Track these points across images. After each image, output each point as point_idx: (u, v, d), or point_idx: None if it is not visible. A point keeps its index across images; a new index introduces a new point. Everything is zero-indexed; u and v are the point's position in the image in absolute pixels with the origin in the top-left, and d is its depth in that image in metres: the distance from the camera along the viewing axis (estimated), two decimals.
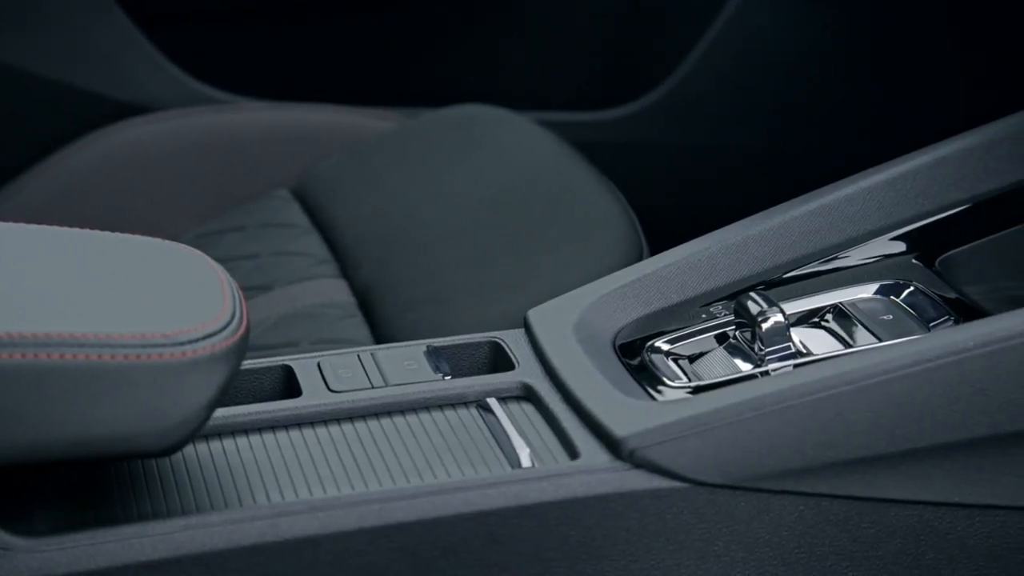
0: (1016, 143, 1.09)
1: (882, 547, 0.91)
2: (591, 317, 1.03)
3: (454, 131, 1.51)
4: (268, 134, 1.60)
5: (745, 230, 1.08)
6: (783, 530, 0.90)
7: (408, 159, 1.50)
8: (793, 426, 0.90)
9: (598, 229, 1.31)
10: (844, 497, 0.90)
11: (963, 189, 1.08)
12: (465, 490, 0.88)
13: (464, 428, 0.96)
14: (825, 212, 1.08)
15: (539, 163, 1.44)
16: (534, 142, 1.47)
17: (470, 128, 1.51)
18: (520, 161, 1.45)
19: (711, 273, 1.07)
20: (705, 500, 0.90)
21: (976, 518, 0.90)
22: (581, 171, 1.40)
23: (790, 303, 1.04)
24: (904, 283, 1.05)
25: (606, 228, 1.31)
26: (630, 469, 0.90)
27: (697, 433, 0.90)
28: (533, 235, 1.33)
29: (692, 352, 1.03)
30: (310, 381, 0.98)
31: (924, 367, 0.89)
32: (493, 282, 1.30)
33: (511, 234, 1.34)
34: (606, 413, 0.93)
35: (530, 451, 0.93)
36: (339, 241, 1.44)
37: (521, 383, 0.99)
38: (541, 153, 1.45)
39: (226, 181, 1.57)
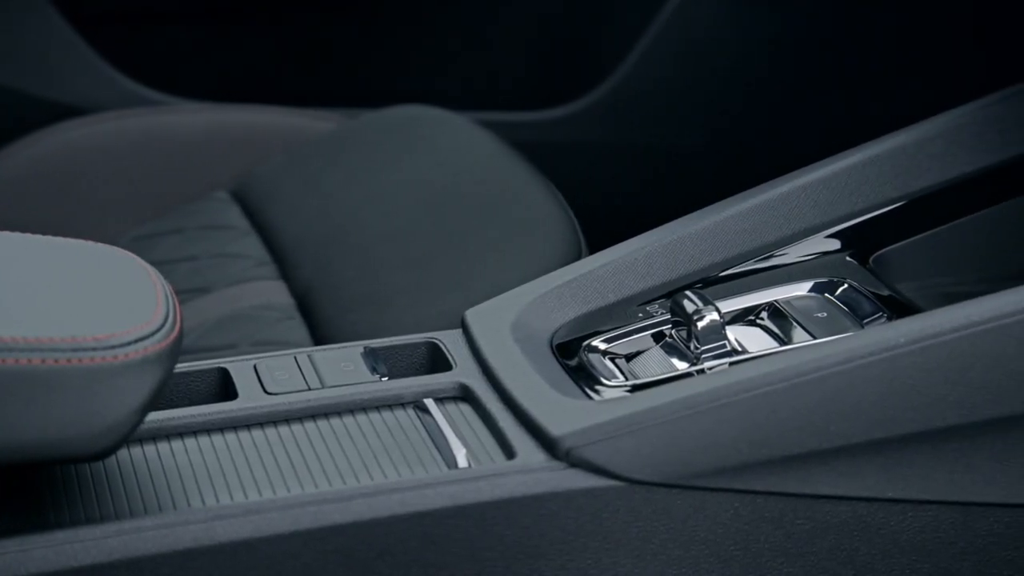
0: (948, 141, 1.10)
1: (817, 543, 0.91)
2: (528, 317, 1.04)
3: (394, 132, 1.51)
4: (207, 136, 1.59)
5: (682, 229, 1.09)
6: (719, 528, 0.91)
7: (348, 160, 1.49)
8: (728, 424, 0.90)
9: (537, 229, 1.31)
10: (779, 494, 0.91)
11: (896, 187, 1.09)
12: (401, 491, 0.88)
13: (401, 429, 0.96)
14: (760, 210, 1.09)
15: (478, 163, 1.44)
16: (473, 142, 1.47)
17: (410, 129, 1.51)
18: (459, 161, 1.45)
19: (648, 272, 1.07)
20: (641, 499, 0.90)
21: (909, 513, 0.91)
22: (520, 171, 1.41)
23: (726, 301, 1.05)
24: (838, 281, 1.06)
25: (545, 228, 1.31)
26: (566, 468, 0.90)
27: (633, 432, 0.90)
28: (472, 235, 1.33)
29: (629, 351, 1.03)
30: (246, 383, 0.98)
31: (856, 364, 0.90)
32: (433, 283, 1.29)
33: (450, 234, 1.34)
34: (542, 413, 0.93)
35: (466, 451, 0.93)
36: (278, 243, 1.44)
37: (458, 383, 0.99)
38: (480, 153, 1.45)
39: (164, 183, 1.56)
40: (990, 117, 1.10)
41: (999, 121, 1.10)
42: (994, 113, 1.10)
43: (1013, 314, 0.89)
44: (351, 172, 1.47)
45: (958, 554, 0.92)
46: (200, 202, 1.52)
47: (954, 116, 1.11)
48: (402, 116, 1.53)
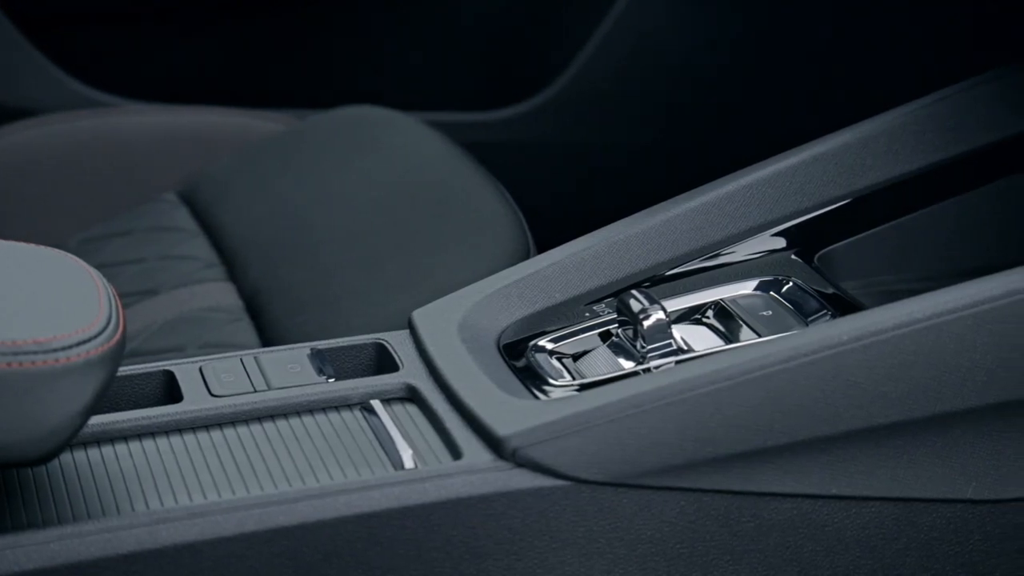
0: (891, 140, 1.11)
1: (762, 540, 0.92)
2: (475, 317, 1.04)
3: (343, 133, 1.50)
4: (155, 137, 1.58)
5: (628, 228, 1.09)
6: (665, 526, 0.91)
7: (297, 161, 1.49)
8: (673, 422, 0.90)
9: (485, 229, 1.31)
10: (724, 492, 0.91)
11: (841, 185, 1.10)
12: (347, 492, 0.88)
13: (347, 430, 0.96)
14: (706, 209, 1.09)
15: (427, 164, 1.44)
16: (422, 143, 1.47)
17: (359, 129, 1.50)
18: (408, 162, 1.44)
19: (595, 272, 1.07)
20: (587, 498, 0.90)
21: (852, 510, 0.92)
22: (469, 171, 1.40)
23: (672, 300, 1.05)
24: (783, 279, 1.07)
25: (493, 228, 1.31)
26: (512, 468, 0.90)
27: (579, 431, 0.90)
28: (421, 236, 1.33)
29: (576, 351, 1.04)
30: (192, 386, 0.98)
31: (800, 362, 0.90)
32: (381, 283, 1.29)
33: (399, 235, 1.34)
34: (489, 413, 0.93)
35: (413, 452, 0.93)
36: (227, 244, 1.43)
37: (405, 384, 0.99)
38: (429, 154, 1.45)
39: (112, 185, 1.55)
40: (931, 116, 1.11)
41: (940, 120, 1.11)
42: (935, 112, 1.11)
43: (953, 311, 0.90)
44: (300, 173, 1.47)
45: (901, 549, 0.92)
46: (149, 204, 1.51)
47: (897, 115, 1.11)
48: (351, 117, 1.53)
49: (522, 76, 1.77)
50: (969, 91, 1.12)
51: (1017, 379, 0.90)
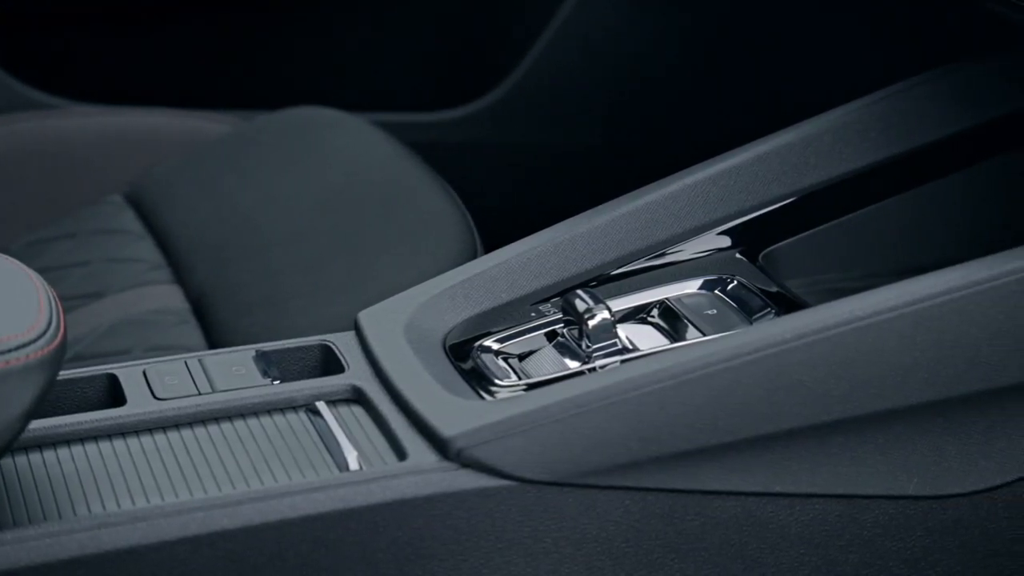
0: (835, 138, 1.11)
1: (706, 538, 0.92)
2: (421, 318, 1.04)
3: (289, 134, 1.50)
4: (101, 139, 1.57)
5: (574, 228, 1.09)
6: (610, 525, 0.91)
7: (243, 162, 1.48)
8: (618, 421, 0.91)
9: (432, 230, 1.31)
10: (669, 491, 0.91)
11: (785, 184, 1.11)
12: (291, 495, 0.88)
13: (292, 432, 0.95)
14: (651, 209, 1.09)
15: (374, 165, 1.43)
16: (369, 144, 1.47)
17: (305, 130, 1.50)
18: (355, 163, 1.44)
19: (540, 272, 1.08)
20: (533, 498, 0.90)
21: (796, 507, 0.92)
22: (416, 172, 1.40)
23: (617, 300, 1.06)
24: (728, 278, 1.07)
25: (440, 229, 1.31)
26: (458, 469, 0.90)
27: (524, 431, 0.90)
28: (368, 237, 1.33)
29: (522, 351, 1.04)
30: (135, 389, 0.97)
31: (743, 360, 0.91)
32: (329, 285, 1.29)
33: (346, 236, 1.34)
34: (434, 414, 0.93)
35: (358, 454, 0.92)
36: (173, 246, 1.42)
37: (351, 386, 0.99)
38: (376, 155, 1.45)
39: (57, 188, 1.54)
40: (875, 114, 1.12)
41: (883, 119, 1.11)
42: (879, 110, 1.12)
43: (894, 309, 0.90)
44: (247, 175, 1.46)
45: (844, 546, 0.93)
46: (94, 206, 1.50)
47: (840, 114, 1.12)
48: (298, 118, 1.52)
49: (470, 77, 1.77)
50: (911, 90, 1.12)
51: (957, 376, 0.91)
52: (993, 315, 0.90)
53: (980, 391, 0.92)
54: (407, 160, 1.43)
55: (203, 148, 1.53)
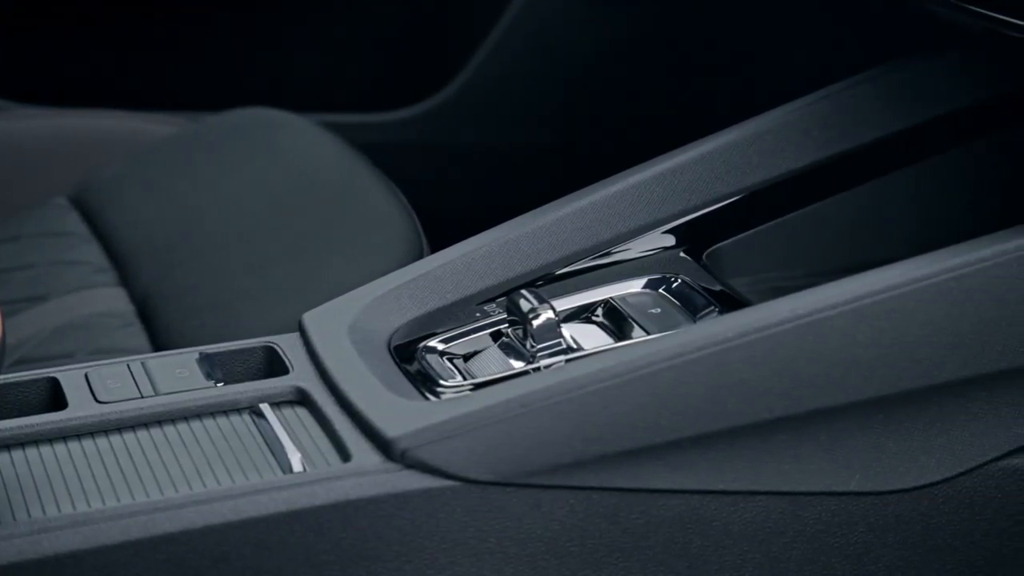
0: (777, 137, 1.12)
1: (651, 537, 0.92)
2: (366, 319, 1.03)
3: (236, 135, 1.49)
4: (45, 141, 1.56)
5: (518, 228, 1.09)
6: (555, 524, 0.91)
7: (189, 164, 1.47)
8: (562, 421, 0.91)
9: (379, 231, 1.31)
10: (613, 489, 0.92)
11: (728, 183, 1.11)
12: (234, 497, 0.88)
13: (236, 435, 0.95)
14: (595, 208, 1.10)
15: (321, 166, 1.43)
16: (316, 145, 1.46)
17: (252, 132, 1.49)
18: (302, 164, 1.44)
19: (485, 272, 1.08)
20: (477, 498, 0.90)
21: (739, 504, 0.93)
22: (363, 173, 1.40)
23: (562, 299, 1.06)
24: (672, 277, 1.07)
25: (387, 230, 1.31)
26: (402, 470, 0.90)
27: (468, 431, 0.90)
28: (314, 238, 1.33)
29: (467, 351, 1.04)
30: (77, 393, 0.96)
31: (686, 359, 0.91)
32: (275, 287, 1.28)
33: (293, 238, 1.33)
34: (378, 415, 0.93)
35: (302, 456, 0.92)
36: (118, 249, 1.41)
37: (295, 387, 0.98)
38: (323, 156, 1.45)
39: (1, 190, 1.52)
40: (816, 113, 1.12)
41: (824, 118, 1.12)
42: (820, 109, 1.12)
43: (835, 306, 0.91)
44: (193, 176, 1.45)
45: (788, 542, 0.93)
46: (38, 209, 1.49)
47: (782, 113, 1.13)
48: (245, 119, 1.52)
49: (418, 77, 1.77)
50: (851, 89, 1.13)
51: (897, 373, 0.92)
52: (932, 312, 0.91)
53: (920, 388, 0.92)
54: (354, 161, 1.42)
55: (149, 150, 1.52)
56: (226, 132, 1.50)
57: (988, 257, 0.91)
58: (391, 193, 1.36)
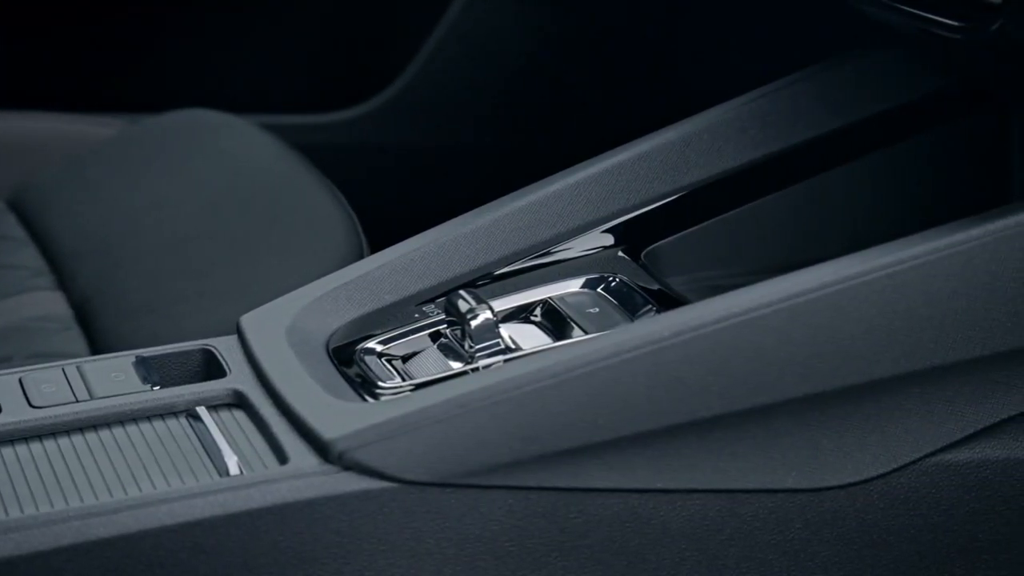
0: (715, 136, 1.12)
1: (590, 536, 0.92)
2: (304, 321, 1.03)
3: (174, 137, 1.49)
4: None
5: (457, 228, 1.09)
6: (493, 524, 0.91)
7: (128, 167, 1.47)
8: (500, 421, 0.91)
9: (318, 233, 1.31)
10: (551, 489, 0.92)
11: (666, 182, 1.12)
12: (169, 501, 0.87)
13: (172, 438, 0.94)
14: (534, 209, 1.10)
15: (260, 168, 1.43)
16: (255, 146, 1.46)
17: (191, 133, 1.49)
18: (241, 166, 1.43)
19: (424, 273, 1.07)
20: (415, 499, 0.90)
21: (677, 503, 0.93)
22: (302, 175, 1.40)
23: (501, 300, 1.06)
24: (610, 276, 1.08)
25: (326, 232, 1.31)
26: (339, 472, 0.90)
27: (406, 432, 0.90)
28: (253, 240, 1.32)
29: (405, 352, 1.03)
30: (10, 398, 0.95)
31: (623, 358, 0.91)
32: (213, 289, 1.28)
33: (231, 240, 1.33)
34: (315, 417, 0.93)
35: (238, 459, 0.92)
36: (56, 252, 1.40)
37: (232, 390, 0.98)
38: (262, 157, 1.44)
39: None
40: (753, 112, 1.13)
41: (761, 116, 1.13)
42: (757, 108, 1.13)
43: (770, 305, 0.91)
44: (131, 179, 1.45)
45: (725, 540, 0.94)
46: None
47: (719, 112, 1.13)
48: (184, 121, 1.51)
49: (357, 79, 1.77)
50: (788, 88, 1.14)
51: (832, 370, 0.92)
52: (865, 310, 0.92)
53: (855, 385, 0.93)
54: (293, 163, 1.42)
55: (87, 152, 1.51)
56: (165, 134, 1.50)
57: (920, 255, 0.92)
58: (331, 194, 1.36)
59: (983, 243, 0.92)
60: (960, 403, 0.94)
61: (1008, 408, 0.95)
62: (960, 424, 0.94)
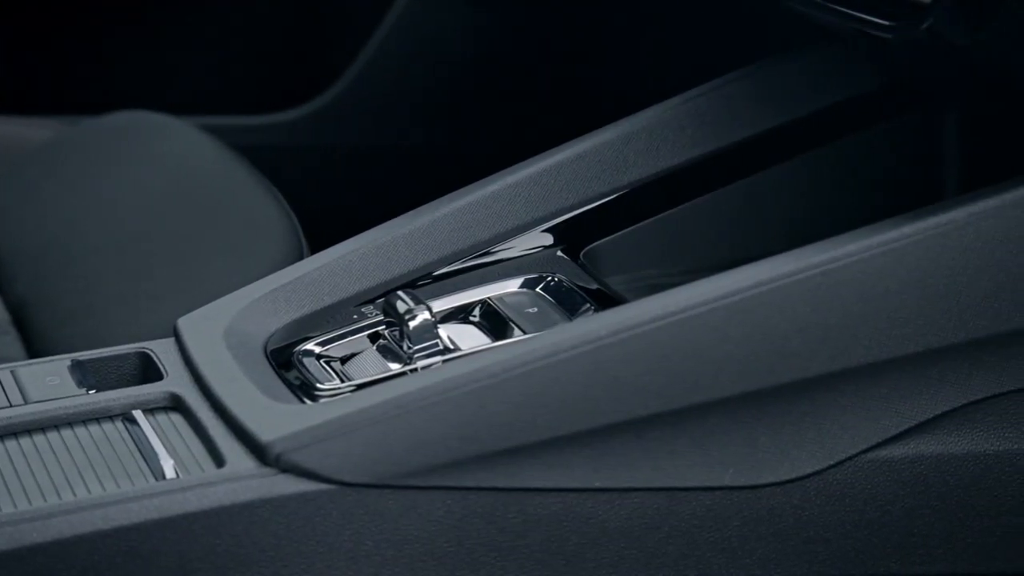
0: (652, 135, 1.13)
1: (528, 536, 0.92)
2: (242, 323, 1.03)
3: (113, 139, 1.47)
4: None
5: (396, 229, 1.09)
6: (432, 526, 0.91)
7: (66, 169, 1.45)
8: (438, 422, 0.91)
9: (258, 235, 1.30)
10: (490, 489, 0.92)
11: (604, 182, 1.12)
12: (104, 506, 0.86)
13: (108, 443, 0.94)
14: (472, 209, 1.10)
15: (199, 170, 1.42)
16: (195, 148, 1.45)
17: (130, 135, 1.47)
18: (180, 168, 1.42)
19: (363, 273, 1.07)
20: (353, 501, 0.90)
21: (616, 501, 0.93)
22: (242, 177, 1.39)
23: (440, 300, 1.06)
24: (549, 276, 1.08)
25: (266, 234, 1.30)
26: (276, 474, 0.89)
27: (344, 434, 0.90)
28: (191, 242, 1.31)
29: (344, 354, 1.03)
30: None
31: (560, 357, 0.91)
32: (152, 292, 1.27)
33: (170, 242, 1.32)
34: (253, 419, 0.92)
35: (175, 462, 0.91)
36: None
37: (169, 393, 0.97)
38: (202, 159, 1.43)
39: None
40: (691, 111, 1.13)
41: (699, 115, 1.13)
42: (694, 107, 1.13)
43: (706, 303, 0.92)
44: (69, 181, 1.43)
45: (664, 538, 0.94)
46: None
47: (657, 112, 1.13)
48: (122, 122, 1.50)
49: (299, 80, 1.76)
50: (725, 87, 1.14)
51: (768, 368, 0.93)
52: (800, 307, 0.92)
53: (791, 382, 0.93)
54: (233, 164, 1.41)
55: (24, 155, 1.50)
56: (104, 136, 1.49)
57: (853, 252, 0.92)
58: (271, 196, 1.35)
59: (915, 241, 0.93)
60: (895, 399, 0.95)
61: (942, 404, 0.95)
62: (895, 420, 0.95)
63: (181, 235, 1.33)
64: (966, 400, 0.95)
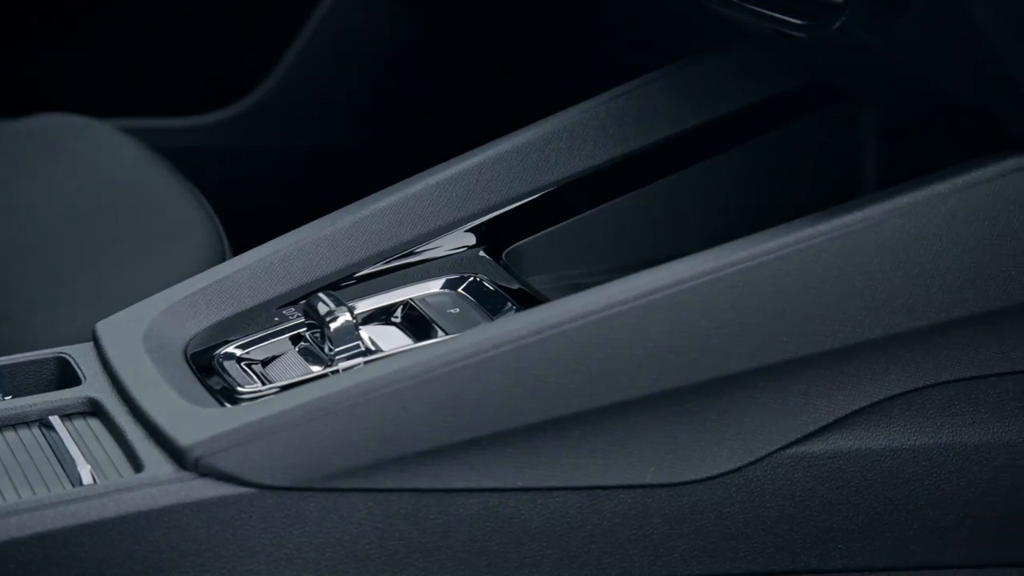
0: (574, 135, 1.13)
1: (451, 537, 0.92)
2: (161, 326, 1.02)
3: (30, 142, 1.46)
4: None
5: (318, 231, 1.09)
6: (353, 528, 0.91)
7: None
8: (359, 423, 0.90)
9: (180, 238, 1.29)
10: (411, 490, 0.91)
11: (526, 182, 1.12)
12: (19, 513, 0.85)
13: (24, 448, 0.93)
14: (394, 210, 1.10)
15: (121, 172, 1.41)
16: (116, 150, 1.44)
17: (50, 138, 1.46)
18: (101, 171, 1.41)
19: (284, 275, 1.07)
20: (273, 504, 0.89)
21: (538, 501, 0.93)
22: (164, 179, 1.38)
23: (362, 301, 1.05)
24: (471, 276, 1.08)
25: (188, 236, 1.29)
26: (196, 478, 0.89)
27: (263, 437, 0.89)
28: (111, 246, 1.30)
29: (265, 356, 1.03)
30: None
31: (481, 357, 0.91)
32: (70, 296, 1.26)
33: (89, 246, 1.31)
34: (171, 423, 0.91)
35: (92, 468, 0.90)
36: None
37: (87, 398, 0.96)
38: (123, 162, 1.42)
39: None
40: (612, 111, 1.14)
41: (619, 115, 1.14)
42: (616, 107, 1.14)
43: (625, 302, 0.92)
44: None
45: (586, 536, 0.94)
46: None
47: (578, 111, 1.14)
48: (42, 126, 1.48)
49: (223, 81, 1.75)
50: (646, 86, 1.15)
51: (688, 365, 0.93)
52: (719, 305, 0.92)
53: (711, 379, 0.94)
54: (154, 166, 1.40)
55: None
56: (23, 139, 1.47)
57: (772, 250, 0.93)
58: (193, 199, 1.34)
59: (831, 238, 0.93)
60: (813, 396, 0.95)
61: (860, 399, 0.96)
62: (814, 416, 0.96)
63: (101, 238, 1.32)
64: (882, 396, 0.96)
